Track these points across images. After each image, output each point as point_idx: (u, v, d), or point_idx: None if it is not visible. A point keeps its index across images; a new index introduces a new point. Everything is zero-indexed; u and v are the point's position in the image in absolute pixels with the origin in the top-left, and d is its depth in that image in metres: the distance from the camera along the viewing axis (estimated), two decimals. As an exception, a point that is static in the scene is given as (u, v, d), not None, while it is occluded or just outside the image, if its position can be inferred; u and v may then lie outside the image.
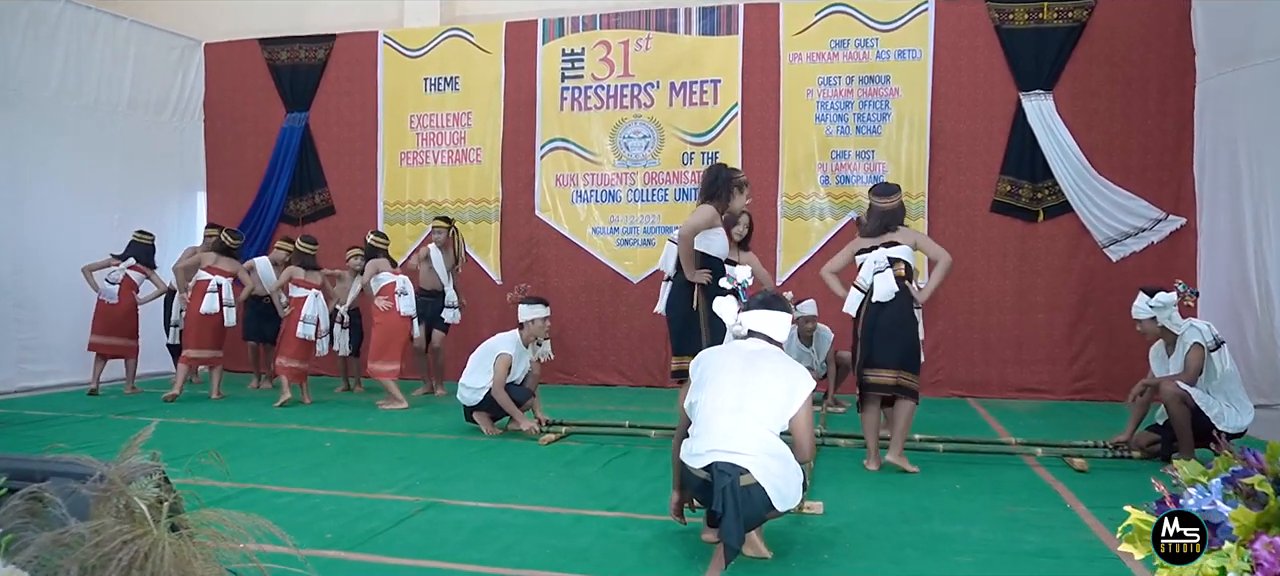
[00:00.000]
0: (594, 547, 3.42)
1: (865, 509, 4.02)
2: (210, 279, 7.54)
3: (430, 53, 9.23)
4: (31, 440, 5.66)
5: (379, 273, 7.28)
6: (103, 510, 1.75)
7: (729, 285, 4.44)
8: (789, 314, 3.56)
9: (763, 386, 3.28)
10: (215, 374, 7.71)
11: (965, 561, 3.28)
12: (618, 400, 7.73)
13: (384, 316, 7.17)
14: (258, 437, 5.81)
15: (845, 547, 3.43)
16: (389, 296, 7.17)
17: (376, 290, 7.25)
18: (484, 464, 5.04)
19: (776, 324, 3.46)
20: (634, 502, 4.12)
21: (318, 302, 7.39)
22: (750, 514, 3.09)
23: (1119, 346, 7.73)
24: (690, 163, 8.65)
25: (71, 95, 8.49)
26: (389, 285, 7.21)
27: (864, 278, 4.88)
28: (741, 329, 3.51)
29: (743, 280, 4.39)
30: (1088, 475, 4.72)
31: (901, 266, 4.80)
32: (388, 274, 7.27)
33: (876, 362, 4.78)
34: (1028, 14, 7.94)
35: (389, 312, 7.14)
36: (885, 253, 4.83)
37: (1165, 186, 7.69)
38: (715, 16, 8.57)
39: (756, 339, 3.44)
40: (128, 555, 1.62)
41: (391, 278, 7.24)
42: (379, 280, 7.25)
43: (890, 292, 4.77)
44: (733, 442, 3.13)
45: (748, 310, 3.52)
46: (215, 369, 7.71)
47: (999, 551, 3.39)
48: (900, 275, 4.78)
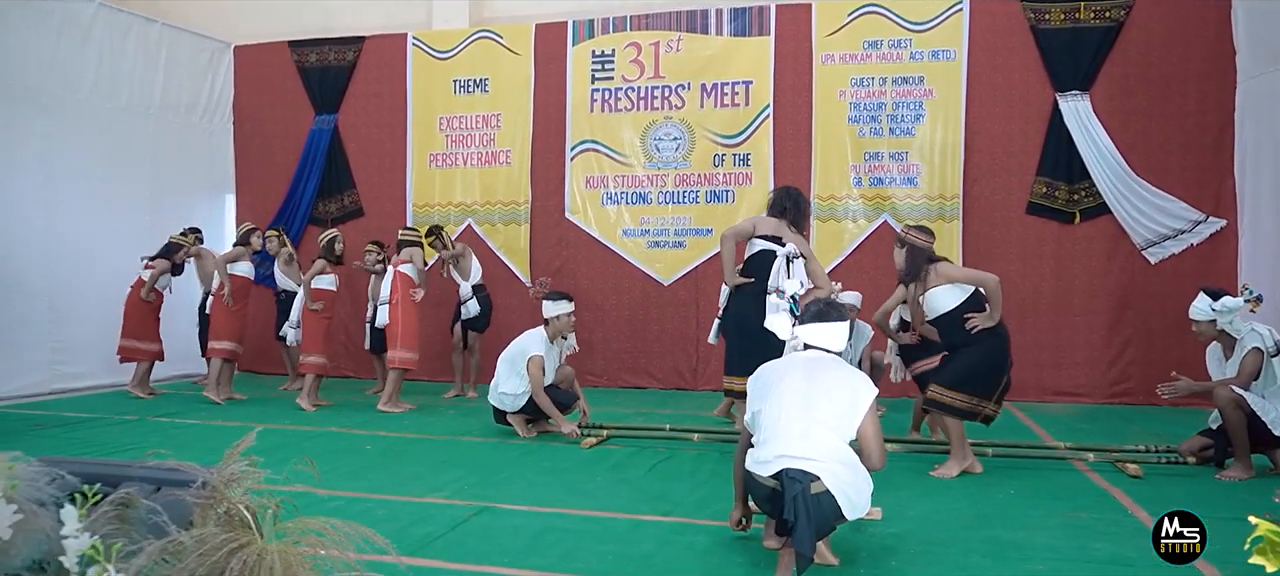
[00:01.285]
0: (656, 554, 3.38)
1: (923, 514, 3.96)
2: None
3: (459, 54, 9.22)
4: (74, 442, 5.66)
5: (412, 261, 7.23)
6: (206, 517, 1.72)
7: (780, 299, 4.42)
8: (845, 321, 3.51)
9: (828, 394, 3.23)
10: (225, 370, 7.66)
11: (1036, 569, 3.23)
12: (650, 403, 7.69)
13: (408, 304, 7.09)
14: (299, 440, 5.80)
15: (910, 554, 3.38)
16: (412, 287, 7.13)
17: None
18: (529, 467, 5.00)
19: (833, 335, 3.41)
20: (687, 508, 4.08)
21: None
22: (821, 521, 3.03)
23: (1158, 350, 7.65)
24: (721, 164, 8.61)
25: (104, 97, 8.51)
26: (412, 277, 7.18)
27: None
28: (798, 343, 3.48)
29: (794, 293, 4.36)
30: (1143, 481, 4.64)
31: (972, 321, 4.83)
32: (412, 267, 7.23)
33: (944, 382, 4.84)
34: (1064, 14, 7.86)
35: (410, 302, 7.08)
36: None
37: (1205, 188, 7.59)
38: (747, 17, 8.53)
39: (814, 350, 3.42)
40: (238, 563, 1.59)
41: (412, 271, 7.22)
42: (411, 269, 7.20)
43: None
44: (802, 449, 3.09)
45: (803, 324, 3.49)
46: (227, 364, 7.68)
47: (1068, 559, 3.33)
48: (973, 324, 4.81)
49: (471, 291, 7.92)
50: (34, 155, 7.85)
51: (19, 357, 7.64)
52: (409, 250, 7.24)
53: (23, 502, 1.93)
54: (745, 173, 8.54)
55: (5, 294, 7.53)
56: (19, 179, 7.72)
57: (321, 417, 6.80)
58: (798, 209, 5.21)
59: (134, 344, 7.68)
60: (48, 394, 7.77)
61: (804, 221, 5.18)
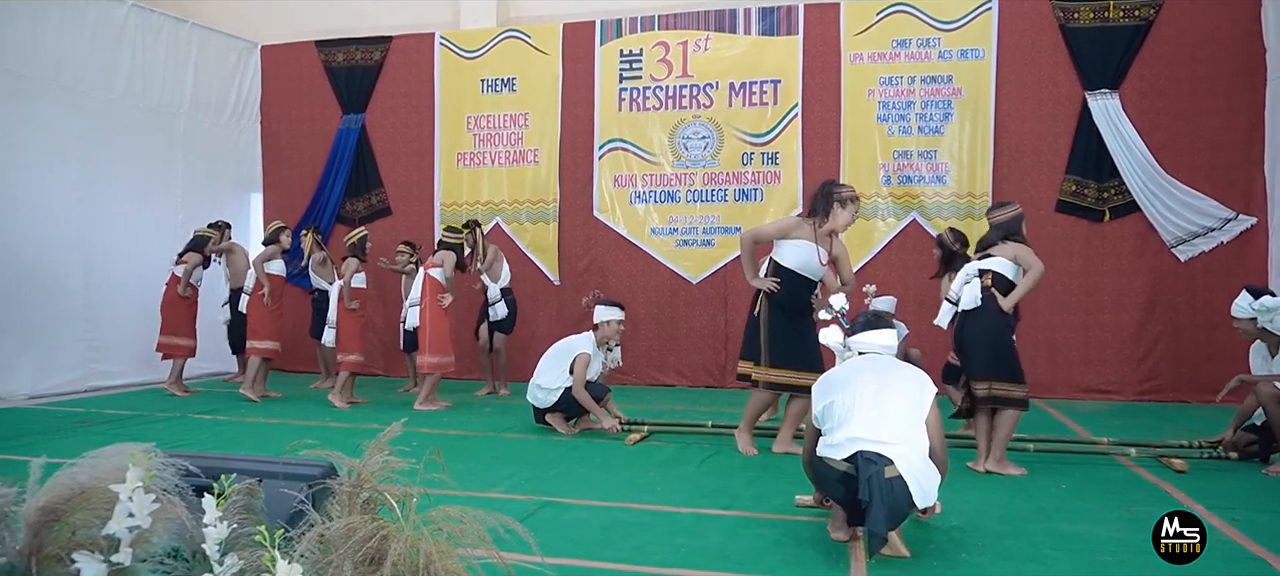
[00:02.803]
0: (727, 546, 3.42)
1: (981, 507, 4.01)
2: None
3: (487, 54, 9.27)
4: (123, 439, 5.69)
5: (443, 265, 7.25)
6: (351, 506, 1.77)
7: (827, 316, 4.49)
8: (893, 328, 3.61)
9: (897, 386, 3.34)
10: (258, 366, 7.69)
11: (1105, 560, 3.27)
12: (681, 400, 7.73)
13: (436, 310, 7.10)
14: (346, 437, 5.84)
15: (977, 547, 3.42)
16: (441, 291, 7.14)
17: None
18: (579, 463, 5.05)
19: (885, 341, 3.54)
20: (747, 502, 4.12)
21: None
22: (894, 505, 3.08)
23: (1187, 347, 7.70)
24: (750, 163, 8.65)
25: (136, 97, 8.57)
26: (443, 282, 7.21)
27: (955, 288, 4.91)
28: (851, 354, 3.57)
29: (840, 307, 4.42)
30: (1190, 476, 4.68)
31: (989, 276, 4.80)
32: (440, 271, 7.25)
33: (970, 373, 4.82)
34: (1093, 12, 7.90)
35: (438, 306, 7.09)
36: (977, 264, 4.85)
37: (1235, 185, 7.63)
38: (775, 16, 8.57)
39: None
40: (396, 550, 1.63)
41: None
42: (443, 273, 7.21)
43: (974, 301, 4.80)
44: (875, 434, 3.17)
45: (853, 334, 3.60)
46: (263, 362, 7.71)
47: (1135, 551, 3.37)
48: (987, 285, 4.79)
49: (500, 293, 7.96)
50: (71, 155, 7.91)
51: (55, 356, 7.70)
52: (443, 254, 7.27)
53: (159, 492, 1.98)
54: (774, 171, 8.58)
55: (43, 293, 7.59)
56: (57, 178, 7.77)
57: (357, 415, 6.85)
58: (827, 199, 5.11)
59: (172, 340, 7.75)
60: (82, 392, 7.83)
61: (831, 207, 5.11)
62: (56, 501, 1.98)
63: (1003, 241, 4.85)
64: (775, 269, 5.21)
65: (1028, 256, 4.82)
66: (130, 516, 1.92)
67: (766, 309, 5.21)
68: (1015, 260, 4.80)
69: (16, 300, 7.38)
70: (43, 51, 7.66)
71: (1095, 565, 3.22)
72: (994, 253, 4.83)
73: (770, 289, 5.13)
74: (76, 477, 2.03)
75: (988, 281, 4.77)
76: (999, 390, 4.71)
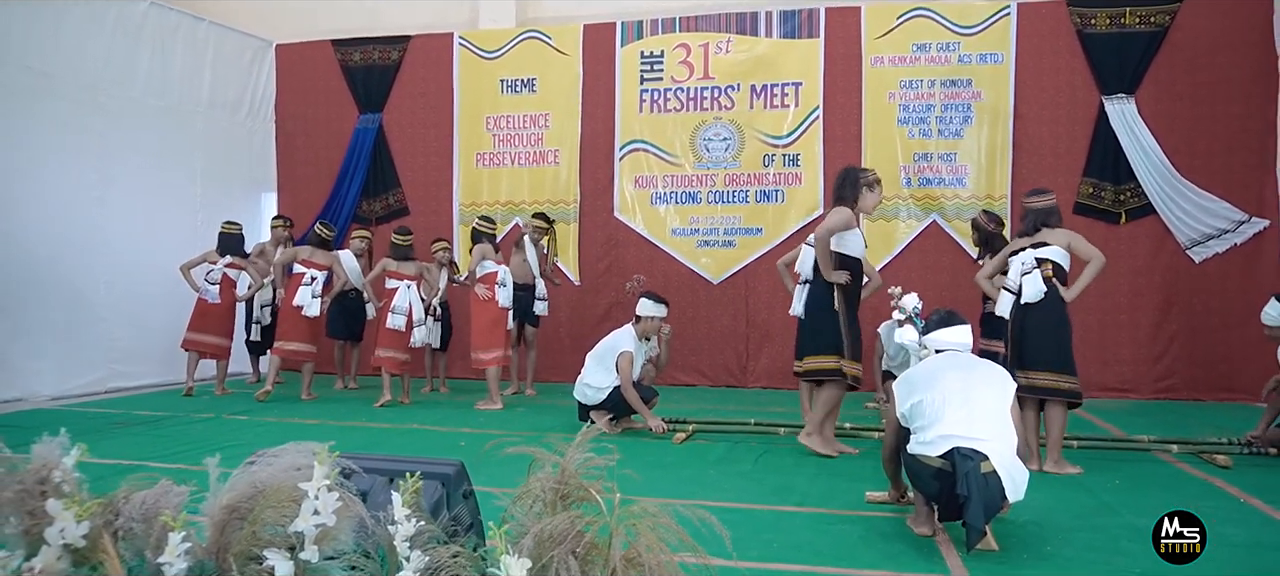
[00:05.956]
0: (818, 542, 3.48)
1: (1045, 503, 4.08)
2: (304, 272, 7.57)
3: (507, 54, 9.28)
4: (163, 440, 5.66)
5: (485, 259, 7.21)
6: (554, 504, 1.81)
7: (901, 316, 4.55)
8: (967, 324, 3.69)
9: (984, 382, 3.43)
10: (307, 371, 7.70)
11: (1185, 553, 3.36)
12: (704, 399, 7.78)
13: (484, 305, 7.13)
14: (390, 438, 5.85)
15: (1058, 541, 3.50)
16: (490, 285, 7.12)
17: (479, 276, 7.21)
18: (633, 462, 5.01)
19: (961, 338, 3.63)
20: (817, 498, 4.19)
21: (410, 292, 7.35)
22: (989, 500, 3.16)
23: (1202, 347, 7.88)
24: (771, 165, 8.73)
25: (155, 96, 8.50)
26: (491, 274, 7.16)
27: (1012, 278, 4.97)
28: (928, 351, 3.65)
29: (914, 307, 4.49)
30: (1235, 471, 4.81)
31: (1048, 266, 4.88)
32: (491, 262, 7.21)
33: (1028, 365, 4.86)
34: (1110, 18, 8.06)
35: (489, 302, 7.11)
36: (1033, 253, 4.92)
37: (1249, 188, 7.81)
38: (796, 19, 8.65)
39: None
40: (613, 542, 1.67)
41: (494, 267, 7.20)
42: (484, 266, 7.18)
43: (1038, 293, 4.85)
44: (971, 430, 3.25)
45: (928, 332, 3.67)
46: (306, 365, 7.71)
47: (1211, 543, 3.46)
48: (1048, 275, 4.87)
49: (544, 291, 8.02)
50: (91, 154, 7.83)
51: (78, 357, 7.63)
52: (479, 247, 7.26)
53: (341, 489, 2.01)
54: (795, 172, 8.67)
55: (65, 294, 7.52)
56: (76, 178, 7.69)
57: (401, 414, 6.83)
58: (855, 184, 5.17)
59: (214, 340, 7.89)
60: (105, 393, 7.76)
61: (860, 192, 5.16)
62: (240, 500, 2.01)
63: (1037, 229, 4.94)
64: (841, 261, 5.24)
65: (1086, 247, 4.90)
66: (315, 514, 1.95)
67: (842, 302, 5.19)
68: (1068, 248, 4.89)
69: (36, 300, 7.30)
70: (65, 50, 7.58)
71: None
72: (1050, 241, 4.90)
73: (845, 282, 5.17)
74: (256, 476, 2.05)
75: (1048, 271, 4.84)
76: (1064, 382, 4.80)
